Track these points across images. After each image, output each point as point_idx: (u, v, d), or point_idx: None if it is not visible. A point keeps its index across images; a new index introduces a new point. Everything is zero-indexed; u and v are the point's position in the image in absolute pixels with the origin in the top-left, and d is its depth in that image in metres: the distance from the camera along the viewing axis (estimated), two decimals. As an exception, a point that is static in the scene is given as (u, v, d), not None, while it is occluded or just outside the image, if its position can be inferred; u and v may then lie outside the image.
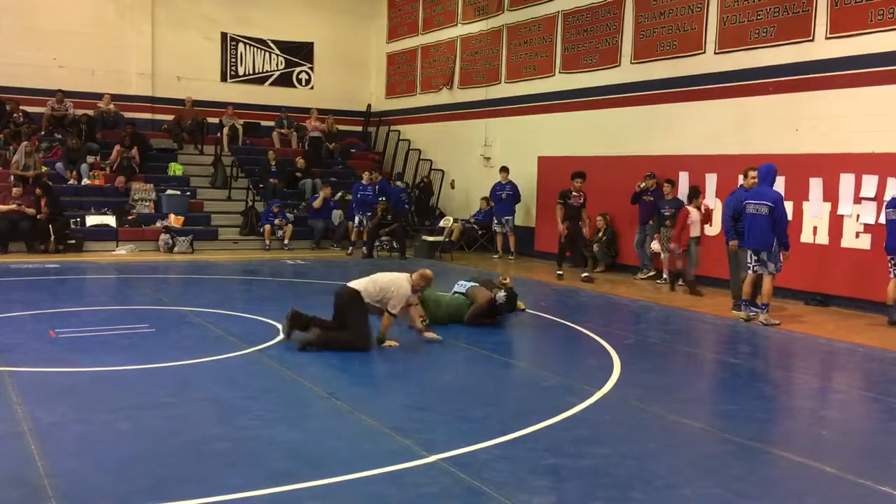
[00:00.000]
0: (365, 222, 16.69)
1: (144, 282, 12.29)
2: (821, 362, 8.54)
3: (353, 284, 7.68)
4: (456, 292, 9.43)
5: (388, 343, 7.67)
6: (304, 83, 21.94)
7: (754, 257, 9.77)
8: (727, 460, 5.06)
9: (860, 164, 10.85)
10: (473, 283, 9.52)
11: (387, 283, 7.59)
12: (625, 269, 14.27)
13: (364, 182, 17.01)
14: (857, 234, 10.88)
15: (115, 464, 4.57)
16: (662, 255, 13.07)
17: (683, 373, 7.73)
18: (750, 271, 9.85)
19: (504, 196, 16.29)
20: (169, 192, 17.21)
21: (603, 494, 4.37)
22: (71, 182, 16.86)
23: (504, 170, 16.50)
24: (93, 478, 4.38)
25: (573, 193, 13.05)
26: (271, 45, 21.45)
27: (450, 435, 5.24)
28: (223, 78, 20.95)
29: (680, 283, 12.42)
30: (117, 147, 17.48)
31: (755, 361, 8.23)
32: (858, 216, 10.84)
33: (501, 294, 9.15)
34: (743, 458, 5.09)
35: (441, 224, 17.69)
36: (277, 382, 6.47)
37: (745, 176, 10.24)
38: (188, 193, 17.58)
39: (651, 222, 13.27)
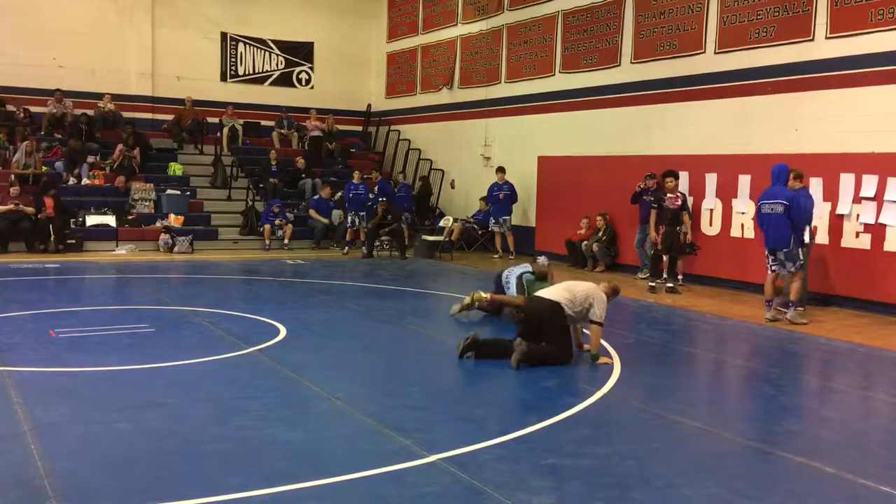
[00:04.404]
0: (357, 222, 16.68)
1: (144, 282, 12.28)
2: (820, 362, 8.54)
3: (549, 296, 7.27)
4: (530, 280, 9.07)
5: (603, 360, 7.26)
6: (304, 83, 21.94)
7: (771, 257, 9.84)
8: (727, 460, 5.06)
9: (860, 164, 10.84)
10: (527, 270, 9.24)
11: (588, 292, 7.25)
12: (625, 269, 14.26)
13: (355, 181, 16.97)
14: (857, 234, 10.86)
15: (115, 464, 4.57)
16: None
17: (684, 373, 7.72)
18: (769, 271, 9.92)
19: (501, 196, 16.29)
20: (169, 191, 17.21)
21: (603, 494, 4.36)
22: (71, 182, 16.86)
23: (501, 170, 16.50)
24: (93, 478, 4.38)
25: (668, 195, 11.89)
26: (271, 44, 21.45)
27: (450, 435, 5.23)
28: (223, 78, 20.95)
29: None
30: (120, 146, 17.47)
31: (755, 361, 8.24)
32: (858, 216, 10.83)
33: (541, 259, 9.13)
34: (743, 458, 5.09)
35: (441, 224, 17.69)
36: (277, 382, 6.46)
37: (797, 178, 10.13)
38: (188, 193, 17.58)
39: (652, 222, 13.24)
